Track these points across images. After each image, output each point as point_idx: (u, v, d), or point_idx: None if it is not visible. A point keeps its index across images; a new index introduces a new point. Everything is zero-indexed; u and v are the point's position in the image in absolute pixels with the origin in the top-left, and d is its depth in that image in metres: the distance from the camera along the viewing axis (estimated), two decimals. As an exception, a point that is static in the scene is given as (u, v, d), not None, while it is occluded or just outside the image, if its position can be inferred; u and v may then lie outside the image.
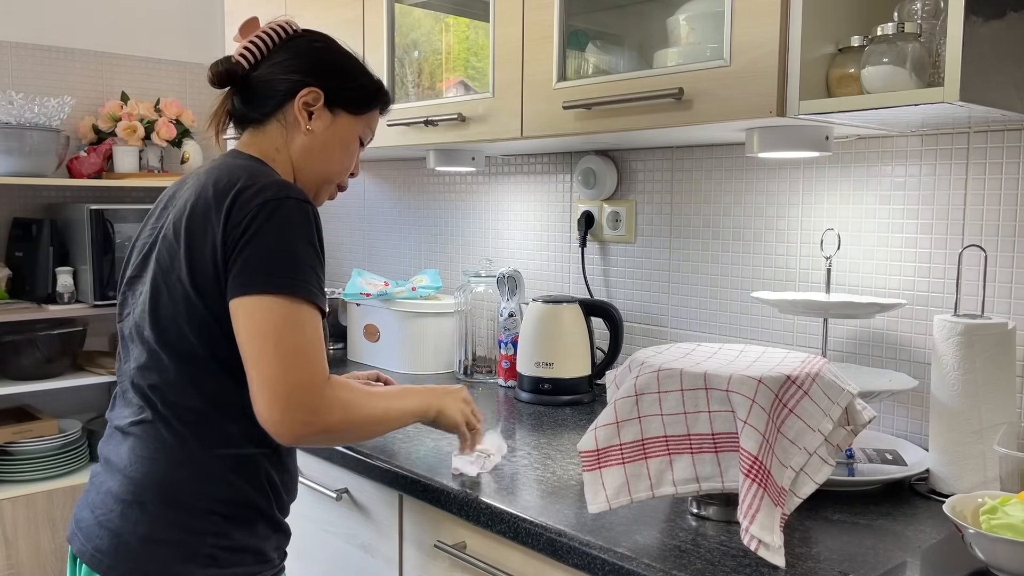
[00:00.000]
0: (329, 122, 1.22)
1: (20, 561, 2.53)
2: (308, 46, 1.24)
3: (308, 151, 1.22)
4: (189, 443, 1.10)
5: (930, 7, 1.21)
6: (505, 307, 1.94)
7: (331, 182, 1.27)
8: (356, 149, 1.28)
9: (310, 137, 1.21)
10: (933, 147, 1.45)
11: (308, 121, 1.21)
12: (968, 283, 1.39)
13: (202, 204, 1.09)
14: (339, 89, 1.23)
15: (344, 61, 1.26)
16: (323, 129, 1.22)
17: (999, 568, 0.98)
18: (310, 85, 1.20)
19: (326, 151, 1.23)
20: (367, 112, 1.27)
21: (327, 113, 1.22)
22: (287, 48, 1.22)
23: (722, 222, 1.76)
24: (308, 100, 1.20)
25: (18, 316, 2.58)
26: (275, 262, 1.05)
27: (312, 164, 1.23)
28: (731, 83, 1.27)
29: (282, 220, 1.06)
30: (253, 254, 1.05)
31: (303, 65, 1.21)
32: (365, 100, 1.27)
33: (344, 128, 1.24)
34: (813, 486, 1.04)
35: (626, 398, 1.08)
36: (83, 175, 2.79)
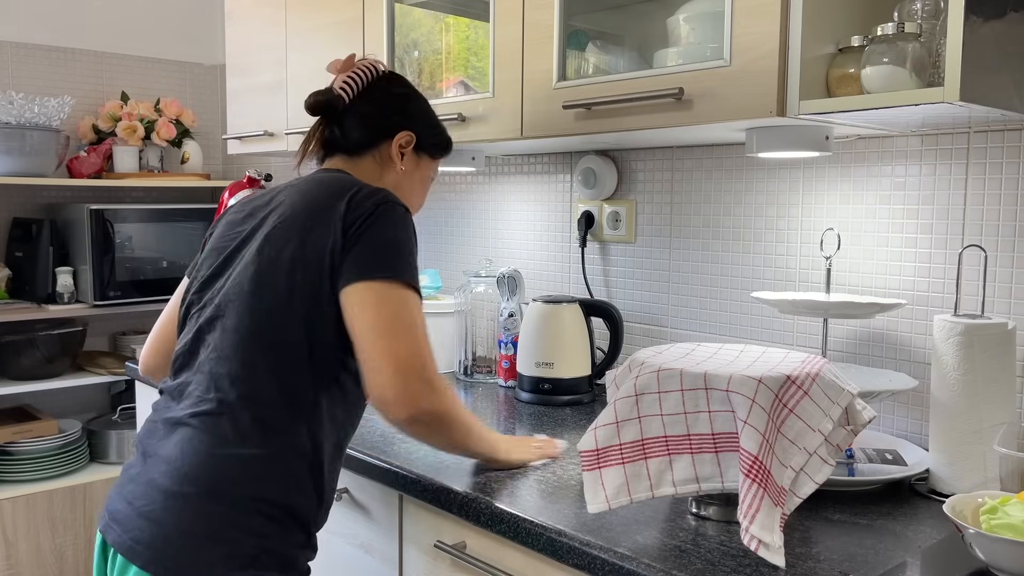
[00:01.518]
0: (415, 164, 1.36)
1: (20, 561, 2.53)
2: (402, 91, 1.36)
3: (397, 188, 1.33)
4: (250, 438, 1.11)
5: (930, 7, 1.21)
6: (505, 307, 1.94)
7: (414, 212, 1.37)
8: (428, 186, 1.43)
9: (401, 176, 1.35)
10: (933, 147, 1.45)
11: (401, 161, 1.34)
12: (968, 283, 1.39)
13: (315, 203, 1.19)
14: (427, 135, 1.37)
15: (429, 109, 1.40)
16: (411, 170, 1.36)
17: (999, 568, 0.98)
18: (408, 128, 1.33)
19: (411, 189, 1.37)
20: (441, 157, 1.42)
21: (413, 156, 1.36)
22: (384, 90, 1.34)
23: (722, 222, 1.76)
24: (403, 142, 1.33)
25: (18, 316, 2.58)
26: (392, 253, 1.16)
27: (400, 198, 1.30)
28: (731, 83, 1.27)
29: (395, 219, 1.18)
30: (372, 245, 1.15)
31: (402, 109, 1.34)
32: (442, 146, 1.41)
33: (425, 170, 1.39)
34: (813, 486, 1.04)
35: (626, 398, 1.08)
36: (83, 175, 2.79)
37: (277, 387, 1.13)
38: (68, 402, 2.93)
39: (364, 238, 1.15)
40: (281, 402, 1.13)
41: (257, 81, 2.33)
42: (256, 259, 1.18)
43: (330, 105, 1.31)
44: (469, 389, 1.93)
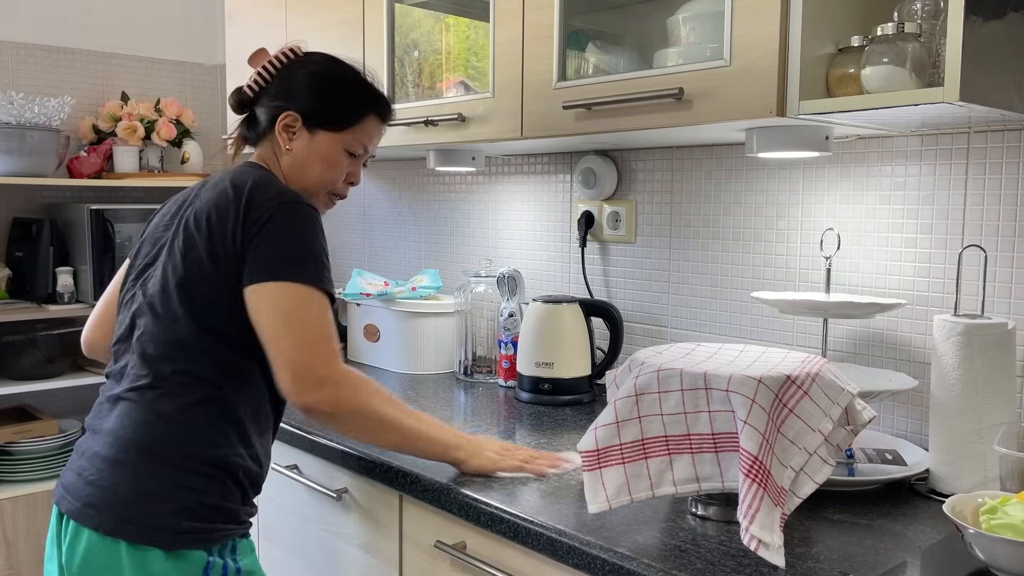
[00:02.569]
0: (308, 141, 1.35)
1: (20, 561, 2.53)
2: (297, 73, 1.36)
3: (291, 168, 1.36)
4: (182, 407, 1.20)
5: (930, 7, 1.21)
6: (505, 307, 1.94)
7: (315, 193, 1.37)
8: (342, 161, 1.37)
9: (290, 156, 1.35)
10: (933, 147, 1.45)
11: (288, 141, 1.34)
12: (968, 283, 1.39)
13: (223, 198, 1.22)
14: (317, 110, 1.34)
15: (327, 82, 1.36)
16: (302, 147, 1.35)
17: (999, 568, 0.98)
18: (289, 108, 1.34)
19: (306, 166, 1.35)
20: (352, 126, 1.36)
21: (306, 133, 1.35)
22: (280, 76, 1.36)
23: (722, 222, 1.76)
24: (287, 123, 1.34)
25: (18, 316, 2.58)
26: (288, 253, 1.18)
27: (297, 178, 1.36)
28: (731, 83, 1.27)
29: (294, 217, 1.20)
30: (269, 246, 1.18)
31: (287, 92, 1.35)
32: (346, 116, 1.36)
33: (323, 145, 1.35)
34: (813, 486, 1.04)
35: (626, 398, 1.08)
36: (83, 175, 2.79)
37: (202, 362, 1.21)
38: (68, 402, 2.93)
39: (263, 238, 1.18)
40: (208, 374, 1.21)
41: (257, 81, 2.32)
42: (177, 251, 1.23)
43: (240, 103, 1.38)
44: (469, 389, 1.93)
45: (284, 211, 1.20)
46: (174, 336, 1.21)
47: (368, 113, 1.38)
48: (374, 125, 1.40)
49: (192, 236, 1.22)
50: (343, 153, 1.37)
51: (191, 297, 1.21)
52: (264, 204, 1.20)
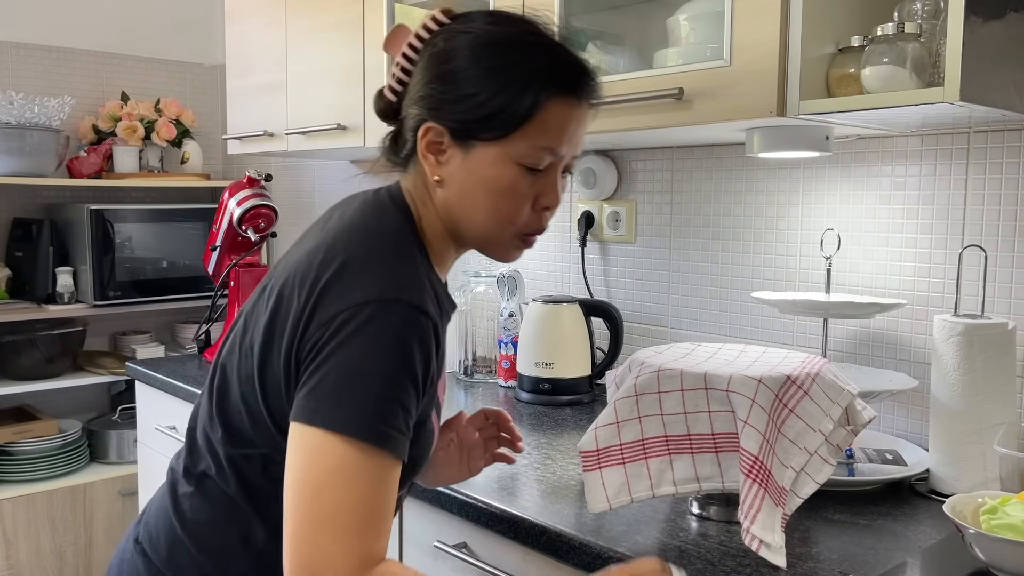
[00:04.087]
0: (460, 161, 0.90)
1: (20, 561, 2.53)
2: (437, 55, 0.91)
3: (447, 207, 0.93)
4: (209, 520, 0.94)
5: (930, 7, 1.21)
6: (505, 307, 1.94)
7: (494, 237, 0.93)
8: (518, 183, 0.90)
9: (444, 189, 0.92)
10: (933, 147, 1.45)
11: (436, 167, 0.91)
12: (968, 283, 1.39)
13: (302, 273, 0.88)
14: (460, 111, 0.88)
15: (472, 60, 0.88)
16: (456, 174, 0.91)
17: (999, 568, 0.98)
18: (429, 117, 0.90)
19: (466, 202, 0.91)
20: (521, 125, 0.88)
21: (457, 151, 0.90)
22: (421, 61, 0.93)
23: (722, 222, 1.76)
24: (430, 140, 0.91)
25: (18, 316, 2.58)
26: (348, 389, 0.80)
27: (458, 221, 0.93)
28: (731, 83, 1.27)
29: (373, 333, 0.81)
30: (328, 373, 0.81)
31: (424, 86, 0.91)
32: (506, 111, 0.87)
33: (484, 165, 0.89)
34: (814, 486, 1.04)
35: (626, 398, 1.08)
36: (83, 175, 2.80)
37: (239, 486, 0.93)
38: (68, 402, 2.93)
39: (326, 362, 0.82)
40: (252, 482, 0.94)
41: (257, 81, 2.33)
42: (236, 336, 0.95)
43: (382, 107, 0.98)
44: (469, 389, 1.93)
45: (361, 318, 0.81)
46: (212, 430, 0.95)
47: (545, 94, 0.87)
48: (562, 111, 0.89)
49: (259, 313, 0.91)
50: (518, 170, 0.89)
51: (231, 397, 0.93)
52: (339, 300, 0.83)
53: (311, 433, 0.80)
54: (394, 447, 0.81)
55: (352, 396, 0.80)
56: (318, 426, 0.80)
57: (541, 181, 0.91)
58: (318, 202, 2.84)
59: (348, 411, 0.80)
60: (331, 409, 0.80)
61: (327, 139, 2.07)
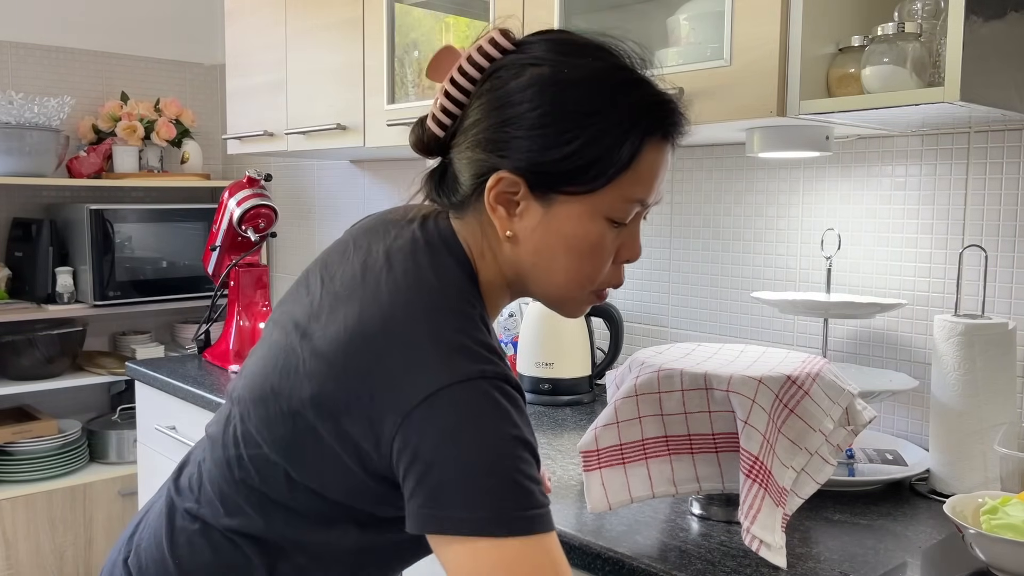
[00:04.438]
0: (540, 217, 0.79)
1: (20, 561, 2.53)
2: (509, 93, 0.79)
3: (517, 265, 0.83)
4: None
5: (930, 7, 1.21)
6: (505, 307, 1.94)
7: (571, 297, 0.84)
8: (605, 239, 0.81)
9: (514, 245, 0.81)
10: (933, 147, 1.45)
11: (508, 220, 0.80)
12: (968, 283, 1.39)
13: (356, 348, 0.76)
14: (546, 162, 0.77)
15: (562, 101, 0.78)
16: (532, 229, 0.80)
17: (999, 568, 0.98)
18: (500, 167, 0.78)
19: (542, 261, 0.81)
20: (617, 176, 0.78)
21: (535, 205, 0.79)
22: (482, 95, 0.81)
23: (722, 222, 1.76)
24: (501, 190, 0.79)
25: (18, 316, 2.58)
26: (466, 489, 0.70)
27: (530, 281, 0.84)
28: (731, 83, 1.27)
29: (465, 418, 0.71)
30: (434, 479, 0.71)
31: (494, 129, 0.78)
32: (602, 162, 0.77)
33: (567, 222, 0.79)
34: (815, 486, 1.04)
35: (626, 398, 1.08)
36: (83, 175, 2.79)
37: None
38: (68, 402, 2.93)
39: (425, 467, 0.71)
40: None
41: (257, 81, 2.33)
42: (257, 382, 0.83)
43: (426, 145, 0.86)
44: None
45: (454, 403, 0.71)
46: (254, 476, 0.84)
47: (644, 140, 0.79)
48: (657, 156, 0.81)
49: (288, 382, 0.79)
50: (605, 225, 0.80)
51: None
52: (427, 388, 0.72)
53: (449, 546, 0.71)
54: (543, 525, 0.72)
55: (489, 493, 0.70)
56: (452, 534, 0.70)
57: (624, 233, 0.83)
58: (318, 202, 2.84)
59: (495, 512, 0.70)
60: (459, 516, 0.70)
61: (327, 139, 2.07)
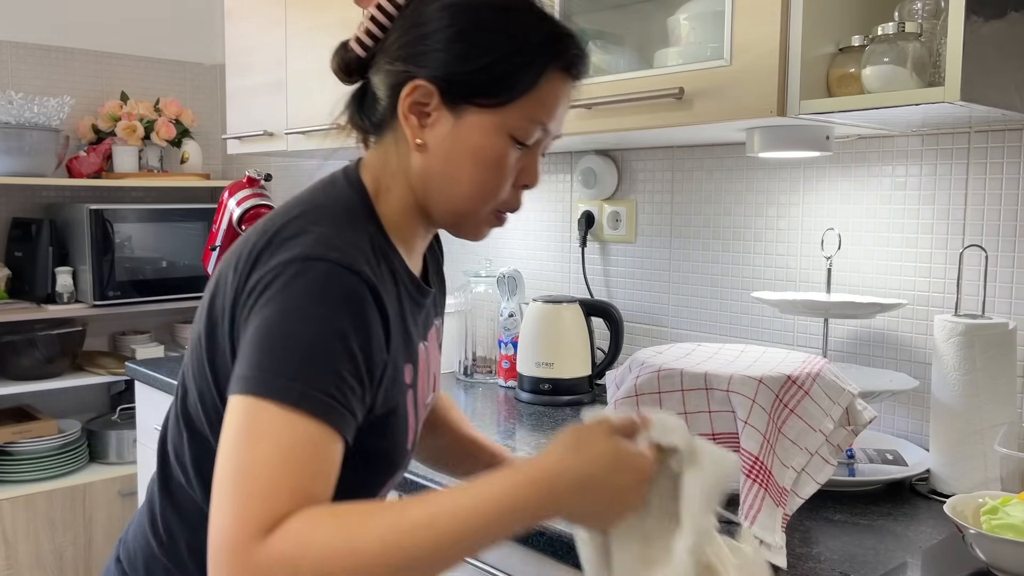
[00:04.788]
0: (450, 127, 0.84)
1: (19, 561, 2.53)
2: (434, 10, 0.84)
3: (426, 175, 0.86)
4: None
5: (931, 7, 1.21)
6: (505, 307, 1.94)
7: (472, 212, 0.88)
8: (507, 156, 0.85)
9: (424, 154, 0.85)
10: (933, 147, 1.44)
11: (419, 130, 0.85)
12: (969, 283, 1.39)
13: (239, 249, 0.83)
14: (460, 72, 0.83)
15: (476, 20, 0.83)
16: (442, 139, 0.85)
17: (1000, 568, 0.98)
18: (416, 76, 0.83)
19: (449, 171, 0.85)
20: (522, 95, 0.84)
21: (447, 114, 0.84)
22: (405, 15, 0.85)
23: (722, 222, 1.76)
24: (415, 99, 0.84)
25: (18, 316, 2.58)
26: (264, 349, 0.74)
27: (435, 191, 0.87)
28: (731, 83, 1.27)
29: (296, 291, 0.75)
30: (250, 337, 0.75)
31: (412, 43, 0.84)
32: (510, 78, 0.83)
33: (475, 132, 0.84)
34: (815, 486, 1.04)
35: (626, 398, 1.08)
36: (83, 175, 2.79)
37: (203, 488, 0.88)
38: (68, 402, 2.93)
39: (250, 324, 0.76)
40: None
41: (257, 81, 2.32)
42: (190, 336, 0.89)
43: (346, 66, 0.89)
44: (469, 389, 1.93)
45: (287, 276, 0.76)
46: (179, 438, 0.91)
47: (548, 67, 0.84)
48: (558, 87, 0.86)
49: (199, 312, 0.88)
50: (509, 142, 0.85)
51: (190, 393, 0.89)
52: (268, 261, 0.78)
53: (232, 402, 0.73)
54: (317, 409, 0.71)
55: (271, 356, 0.73)
56: (236, 393, 0.73)
57: (526, 158, 0.88)
58: (318, 202, 2.83)
59: (267, 373, 0.72)
60: (250, 371, 0.73)
61: (327, 139, 2.07)
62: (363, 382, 0.77)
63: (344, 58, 0.89)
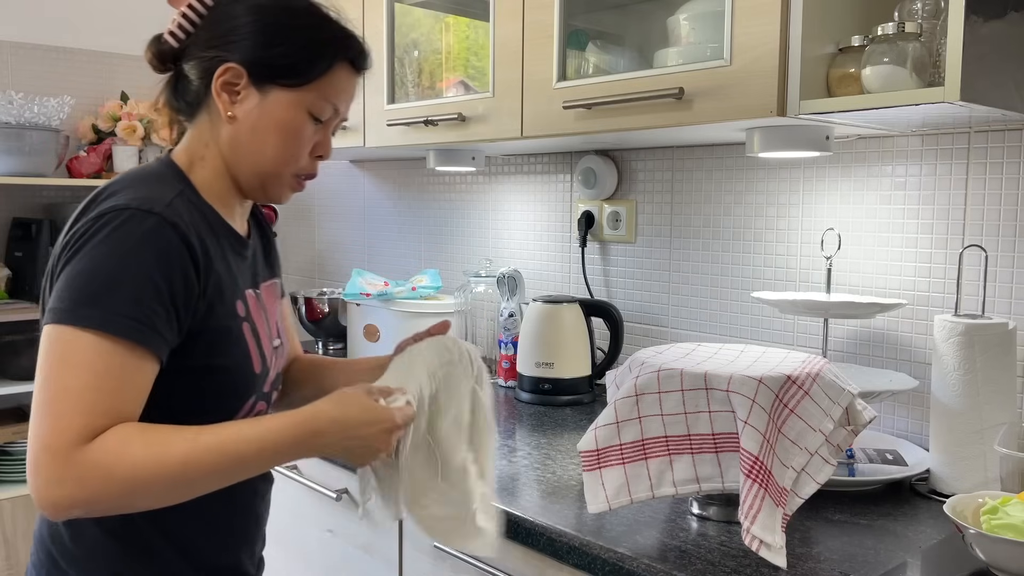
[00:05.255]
0: (257, 103, 1.01)
1: (20, 561, 2.53)
2: (236, 8, 1.02)
3: (235, 143, 1.02)
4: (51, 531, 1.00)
5: (930, 7, 1.21)
6: (505, 307, 1.94)
7: (276, 174, 1.04)
8: (305, 128, 1.03)
9: (234, 127, 1.02)
10: (933, 147, 1.45)
11: (230, 105, 1.01)
12: (968, 283, 1.39)
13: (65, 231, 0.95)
14: (266, 58, 1.00)
15: (280, 18, 1.02)
16: (250, 113, 1.01)
17: (999, 568, 0.98)
18: (228, 60, 1.00)
19: (256, 138, 1.02)
20: (317, 78, 1.02)
21: (254, 92, 1.01)
22: (214, 13, 1.02)
23: (722, 222, 1.76)
24: (227, 79, 1.00)
25: (18, 316, 2.58)
26: (77, 283, 0.86)
27: (243, 157, 1.03)
28: (731, 83, 1.27)
29: (111, 234, 0.88)
30: (61, 278, 0.88)
31: (223, 34, 1.01)
32: (307, 64, 1.01)
33: (278, 107, 1.01)
34: (815, 486, 1.04)
35: (626, 398, 1.08)
36: (83, 175, 2.79)
37: None
38: (68, 402, 2.93)
39: (66, 267, 0.89)
40: None
41: (257, 81, 2.32)
42: None
43: (162, 57, 1.03)
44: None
45: (101, 224, 0.89)
46: None
47: (337, 60, 1.03)
48: (346, 76, 1.05)
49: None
50: (307, 117, 1.03)
51: None
52: (80, 222, 0.91)
53: (45, 332, 0.86)
54: (121, 331, 0.85)
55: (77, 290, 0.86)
56: (48, 323, 0.86)
57: (320, 133, 1.05)
58: (318, 202, 2.84)
59: (73, 304, 0.85)
60: (58, 303, 0.86)
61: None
62: (168, 308, 0.90)
63: (159, 49, 1.03)
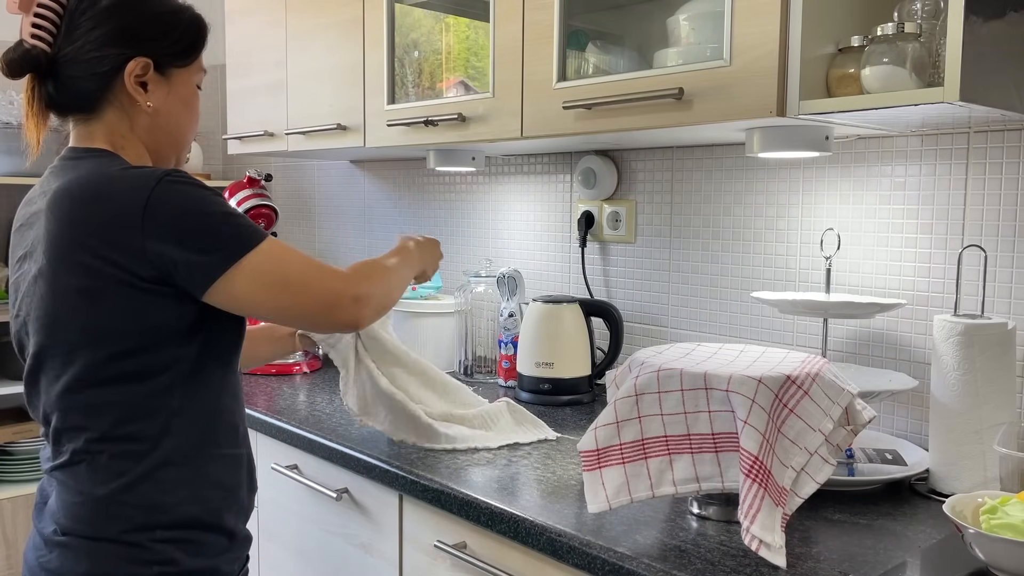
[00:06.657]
0: (167, 88, 1.09)
1: (20, 562, 2.53)
2: (110, 5, 1.05)
3: (155, 128, 1.10)
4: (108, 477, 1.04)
5: (930, 7, 1.21)
6: (505, 307, 1.94)
7: (187, 144, 1.17)
8: (197, 97, 1.15)
9: (152, 116, 1.09)
10: (933, 147, 1.45)
11: (146, 96, 1.07)
12: (968, 283, 1.39)
13: (84, 219, 0.99)
14: (165, 46, 1.08)
15: (155, 8, 1.09)
16: (163, 98, 1.09)
17: (999, 568, 0.98)
18: (134, 55, 1.05)
19: (172, 119, 1.11)
20: (196, 55, 1.13)
21: (160, 79, 1.09)
22: (87, 14, 1.05)
23: (722, 222, 1.76)
24: (138, 73, 1.06)
25: (18, 316, 2.58)
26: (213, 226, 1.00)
27: (164, 137, 1.11)
28: (731, 83, 1.27)
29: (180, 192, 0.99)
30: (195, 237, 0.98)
31: (117, 32, 1.05)
32: (191, 44, 1.12)
33: (181, 86, 1.11)
34: (814, 486, 1.04)
35: (626, 398, 1.08)
36: (83, 175, 2.79)
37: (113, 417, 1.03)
38: (68, 402, 2.93)
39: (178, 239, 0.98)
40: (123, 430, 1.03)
41: (257, 81, 2.33)
42: (38, 296, 1.03)
43: (29, 62, 1.05)
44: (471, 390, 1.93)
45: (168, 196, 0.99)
46: (77, 401, 1.05)
47: (199, 38, 1.14)
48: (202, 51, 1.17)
49: (52, 275, 1.02)
50: (195, 88, 1.15)
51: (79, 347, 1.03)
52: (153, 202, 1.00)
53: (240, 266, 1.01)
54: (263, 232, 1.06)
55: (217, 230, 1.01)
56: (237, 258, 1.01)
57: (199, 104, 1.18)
58: (318, 202, 2.84)
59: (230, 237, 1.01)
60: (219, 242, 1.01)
61: (327, 139, 2.07)
62: None
63: (30, 55, 1.04)
